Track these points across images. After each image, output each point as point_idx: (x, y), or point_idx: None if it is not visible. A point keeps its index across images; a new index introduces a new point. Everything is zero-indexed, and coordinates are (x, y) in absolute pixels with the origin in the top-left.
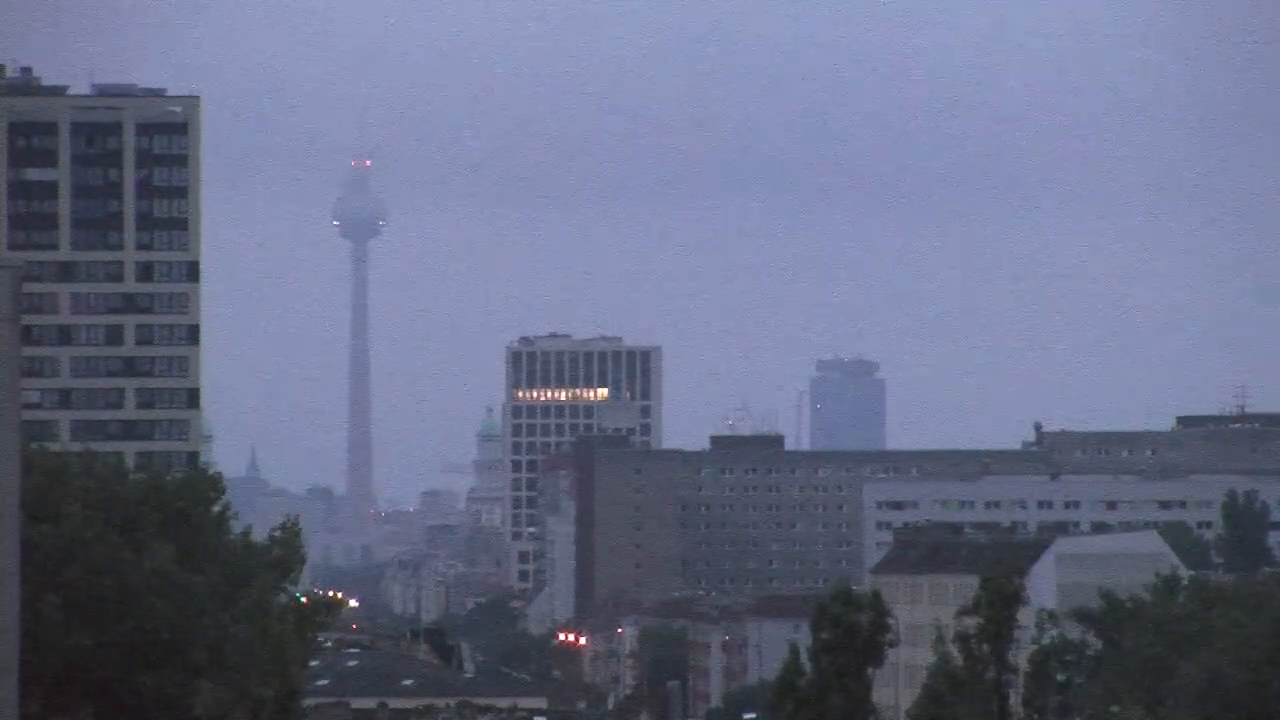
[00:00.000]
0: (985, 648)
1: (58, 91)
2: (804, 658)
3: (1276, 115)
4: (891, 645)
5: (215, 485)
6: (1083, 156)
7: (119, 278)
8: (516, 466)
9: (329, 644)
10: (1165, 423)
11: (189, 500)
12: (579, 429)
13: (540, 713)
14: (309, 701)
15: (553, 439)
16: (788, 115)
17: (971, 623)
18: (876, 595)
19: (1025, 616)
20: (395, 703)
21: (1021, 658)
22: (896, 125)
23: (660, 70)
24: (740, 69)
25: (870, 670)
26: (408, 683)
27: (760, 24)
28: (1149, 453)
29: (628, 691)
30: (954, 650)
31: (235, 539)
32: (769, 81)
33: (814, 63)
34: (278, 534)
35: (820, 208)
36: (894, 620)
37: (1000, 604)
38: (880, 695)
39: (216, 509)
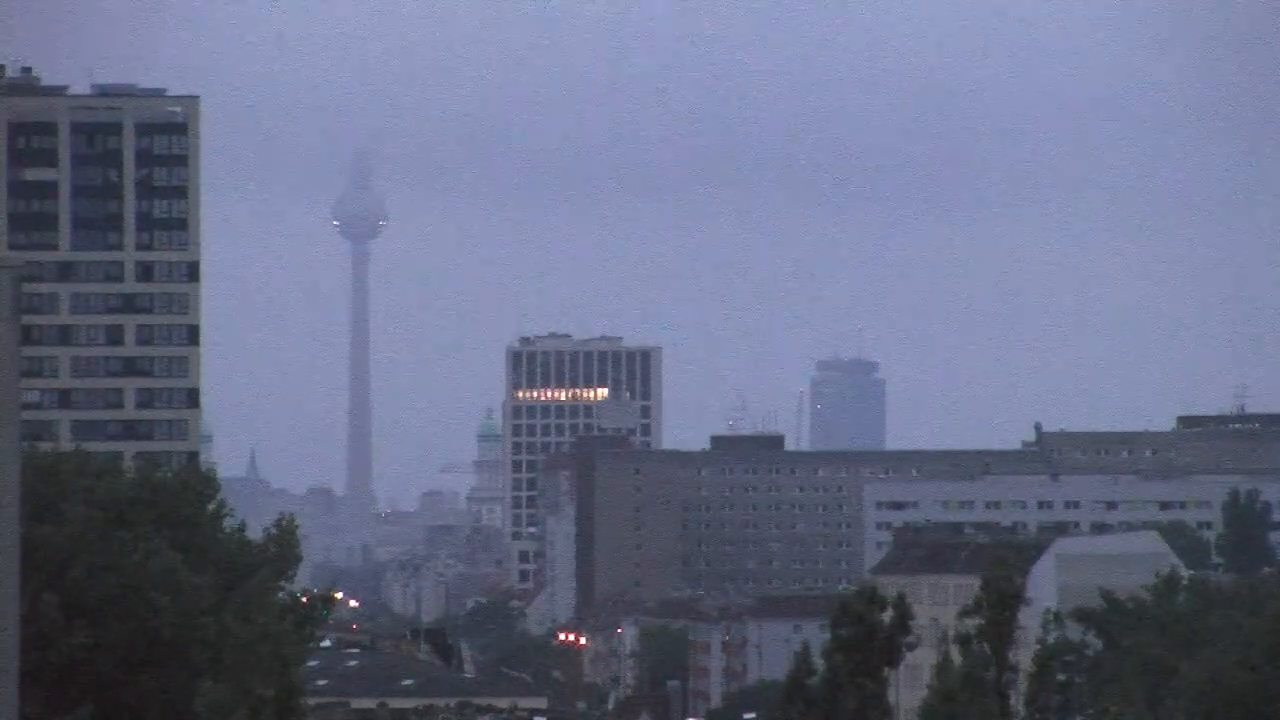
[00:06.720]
0: (986, 648)
1: (58, 91)
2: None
3: (1276, 115)
4: (911, 648)
5: (209, 483)
6: (1084, 157)
7: (119, 278)
8: (516, 466)
9: (329, 644)
10: (1165, 423)
11: (183, 498)
12: (579, 429)
13: (540, 713)
14: (309, 701)
15: (553, 439)
16: (788, 116)
17: (972, 623)
18: (901, 597)
19: (1028, 617)
20: (395, 703)
21: (1023, 658)
22: (896, 126)
23: (660, 72)
24: (738, 71)
25: (887, 670)
26: (408, 683)
27: (758, 25)
28: (1149, 453)
29: (628, 691)
30: (956, 651)
31: (230, 536)
32: (769, 82)
33: (813, 63)
34: (273, 532)
35: (821, 208)
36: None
37: (1001, 604)
38: None
39: (211, 507)
